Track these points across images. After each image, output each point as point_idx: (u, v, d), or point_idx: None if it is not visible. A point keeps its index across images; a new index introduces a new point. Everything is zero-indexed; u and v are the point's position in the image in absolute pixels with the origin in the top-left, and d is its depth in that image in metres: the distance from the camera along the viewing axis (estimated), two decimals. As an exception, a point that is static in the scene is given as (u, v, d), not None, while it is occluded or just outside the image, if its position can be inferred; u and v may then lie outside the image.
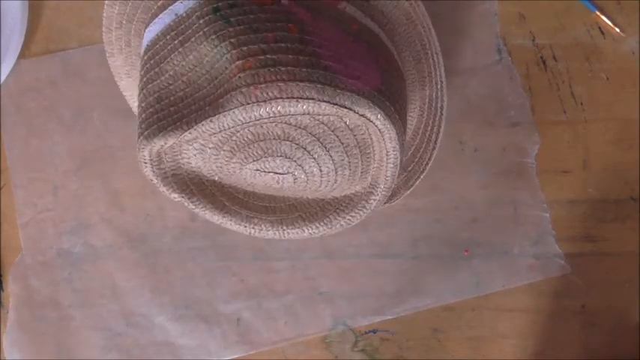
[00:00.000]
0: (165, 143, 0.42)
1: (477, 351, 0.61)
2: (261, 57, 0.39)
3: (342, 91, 0.40)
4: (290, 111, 0.39)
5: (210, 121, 0.40)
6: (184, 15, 0.43)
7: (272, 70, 0.39)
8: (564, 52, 0.61)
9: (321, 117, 0.43)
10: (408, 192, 0.54)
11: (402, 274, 0.61)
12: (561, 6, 0.61)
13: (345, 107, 0.40)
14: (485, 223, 0.60)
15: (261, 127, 0.43)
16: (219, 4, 0.42)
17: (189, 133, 0.41)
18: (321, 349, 0.61)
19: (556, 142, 0.61)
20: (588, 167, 0.61)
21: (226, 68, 0.40)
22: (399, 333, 0.61)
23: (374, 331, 0.61)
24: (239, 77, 0.39)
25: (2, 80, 0.60)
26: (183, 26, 0.43)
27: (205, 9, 0.42)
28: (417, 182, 0.54)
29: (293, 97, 0.39)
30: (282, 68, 0.39)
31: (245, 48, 0.40)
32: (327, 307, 0.61)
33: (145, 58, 0.45)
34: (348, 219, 0.47)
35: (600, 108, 0.61)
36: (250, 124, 0.41)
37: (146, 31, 0.46)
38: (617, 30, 0.60)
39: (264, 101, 0.39)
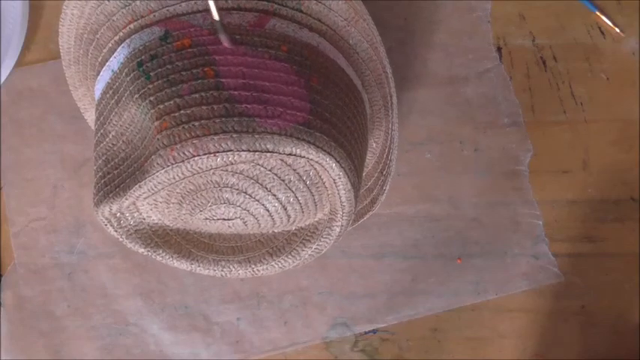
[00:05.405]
0: (111, 209, 0.43)
1: (476, 351, 0.61)
2: (176, 114, 0.38)
3: (260, 135, 0.38)
4: (210, 165, 0.38)
5: (139, 186, 0.40)
6: (118, 71, 0.43)
7: (186, 127, 0.38)
8: (564, 52, 0.61)
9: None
10: (384, 196, 0.53)
11: (400, 276, 0.61)
12: (561, 6, 0.61)
13: (268, 151, 0.38)
14: (483, 227, 0.60)
15: (200, 176, 0.42)
16: (143, 57, 0.41)
17: (126, 199, 0.41)
18: (320, 350, 0.61)
19: (556, 142, 0.61)
20: (588, 167, 0.60)
21: (150, 128, 0.40)
22: (399, 333, 0.61)
23: (374, 332, 0.61)
24: (158, 139, 0.39)
25: (3, 80, 0.60)
26: (117, 84, 0.43)
27: (131, 64, 0.41)
28: (387, 187, 0.53)
29: (210, 153, 0.38)
30: (196, 123, 0.38)
31: (162, 106, 0.39)
32: (325, 310, 0.61)
33: (95, 118, 0.45)
34: (315, 249, 0.46)
35: (600, 108, 0.60)
36: (183, 178, 0.40)
37: (95, 89, 0.46)
38: (617, 30, 0.60)
39: (182, 161, 0.38)
